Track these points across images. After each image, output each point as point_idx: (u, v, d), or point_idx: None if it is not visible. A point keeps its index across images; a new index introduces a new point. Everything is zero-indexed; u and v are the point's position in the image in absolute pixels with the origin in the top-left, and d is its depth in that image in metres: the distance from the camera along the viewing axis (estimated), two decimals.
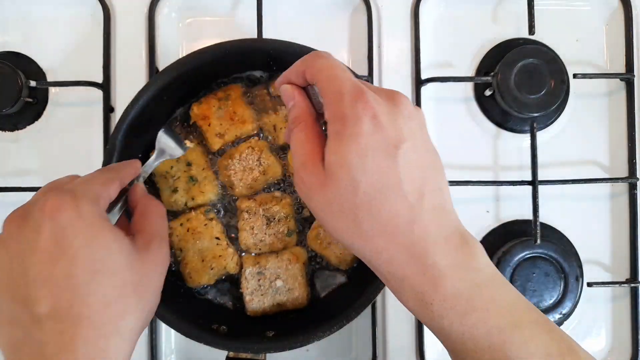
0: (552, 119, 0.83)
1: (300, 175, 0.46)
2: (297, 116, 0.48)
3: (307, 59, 0.47)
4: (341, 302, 0.71)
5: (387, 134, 0.42)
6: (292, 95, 0.49)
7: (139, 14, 0.81)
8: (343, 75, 0.45)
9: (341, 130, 0.43)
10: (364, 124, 0.42)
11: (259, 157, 0.73)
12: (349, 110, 0.42)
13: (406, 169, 0.43)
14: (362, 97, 0.43)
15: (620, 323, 0.82)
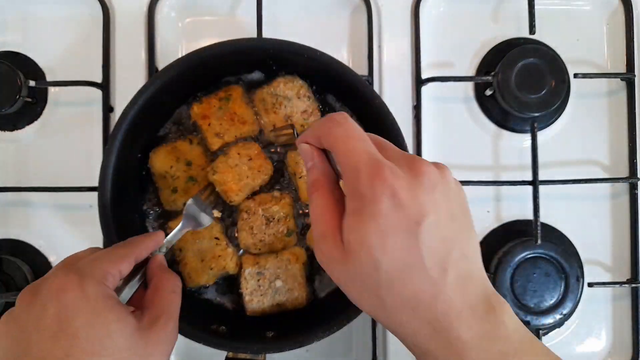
0: (553, 118, 0.83)
1: (320, 246, 0.46)
2: (316, 179, 0.47)
3: (323, 125, 0.46)
4: (341, 302, 0.70)
5: (408, 212, 0.41)
6: (310, 156, 0.48)
7: (139, 14, 0.81)
8: (359, 148, 0.43)
9: (359, 208, 0.42)
10: (383, 203, 0.41)
11: (250, 159, 0.73)
12: (367, 189, 0.41)
13: (428, 245, 0.42)
14: (380, 174, 0.41)
15: (620, 323, 0.82)
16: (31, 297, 0.46)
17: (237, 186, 0.73)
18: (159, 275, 0.56)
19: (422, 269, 0.42)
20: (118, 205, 0.68)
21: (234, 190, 0.73)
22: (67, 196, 0.78)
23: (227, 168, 0.73)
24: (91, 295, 0.46)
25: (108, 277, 0.49)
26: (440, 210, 0.43)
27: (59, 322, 0.44)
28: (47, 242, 0.80)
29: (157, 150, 0.74)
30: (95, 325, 0.45)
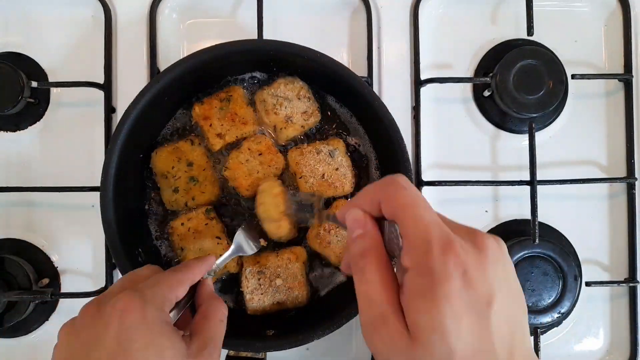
0: (551, 119, 0.83)
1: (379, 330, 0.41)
2: (367, 249, 0.43)
3: (386, 188, 0.43)
4: (341, 301, 0.71)
5: (479, 292, 0.39)
6: (362, 224, 0.44)
7: (140, 15, 0.81)
8: (429, 218, 0.40)
9: (429, 287, 0.38)
10: (456, 283, 0.38)
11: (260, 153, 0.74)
12: (439, 265, 0.38)
13: (498, 328, 0.39)
14: (453, 249, 0.39)
15: (618, 322, 0.83)
16: (95, 312, 0.48)
17: (247, 182, 0.73)
18: (208, 301, 0.57)
19: (493, 354, 0.39)
20: (120, 205, 0.68)
21: (243, 186, 0.73)
22: (69, 196, 0.78)
23: (238, 164, 0.74)
24: (150, 320, 0.47)
25: (166, 303, 0.51)
26: (504, 288, 0.41)
27: (118, 342, 0.46)
28: (50, 242, 0.81)
29: (159, 150, 0.75)
30: (151, 349, 0.46)
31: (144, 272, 0.55)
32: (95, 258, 0.80)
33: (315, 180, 0.74)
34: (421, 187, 0.79)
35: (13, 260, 0.77)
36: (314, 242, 0.74)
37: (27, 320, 0.79)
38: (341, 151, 0.75)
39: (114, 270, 0.78)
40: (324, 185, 0.74)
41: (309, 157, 0.74)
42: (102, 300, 0.49)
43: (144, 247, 0.73)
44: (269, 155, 0.74)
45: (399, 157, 0.68)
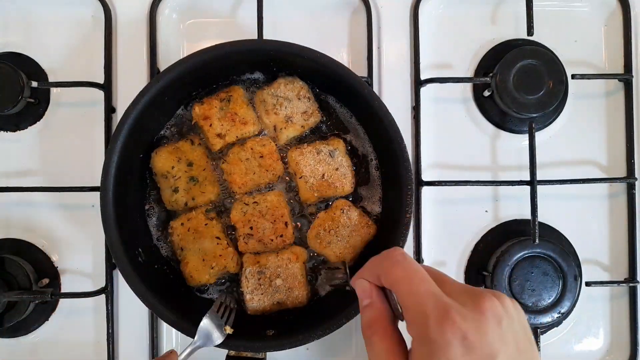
0: (551, 119, 0.84)
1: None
2: (374, 319, 0.46)
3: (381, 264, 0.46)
4: (341, 301, 0.71)
5: (479, 353, 0.40)
6: (368, 294, 0.48)
7: (140, 15, 0.81)
8: (424, 290, 0.43)
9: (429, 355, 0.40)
10: (455, 349, 0.40)
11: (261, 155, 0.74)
12: (437, 335, 0.40)
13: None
14: (449, 317, 0.41)
15: (618, 322, 0.83)
16: None
17: (242, 180, 0.74)
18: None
19: None
20: (120, 205, 0.68)
21: (237, 183, 0.73)
22: (69, 196, 0.78)
23: (237, 160, 0.74)
24: None
25: None
26: (509, 345, 0.42)
27: None
28: (50, 242, 0.81)
29: (159, 150, 0.75)
30: None
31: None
32: (95, 258, 0.80)
33: (315, 180, 0.74)
34: (421, 187, 0.79)
35: (13, 260, 0.77)
36: (314, 242, 0.74)
37: (27, 320, 0.79)
38: (341, 151, 0.75)
39: (114, 270, 0.78)
40: (324, 185, 0.74)
41: (309, 157, 0.74)
42: None
43: (144, 247, 0.73)
44: (270, 160, 0.74)
45: (399, 157, 0.68)
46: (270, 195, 0.74)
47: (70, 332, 0.80)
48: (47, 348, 0.81)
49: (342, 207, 0.74)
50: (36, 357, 0.80)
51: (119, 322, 0.79)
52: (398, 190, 0.68)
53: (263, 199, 0.74)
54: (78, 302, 0.79)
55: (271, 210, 0.73)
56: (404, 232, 0.67)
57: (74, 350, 0.81)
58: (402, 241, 0.67)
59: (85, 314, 0.80)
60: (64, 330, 0.80)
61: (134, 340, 0.79)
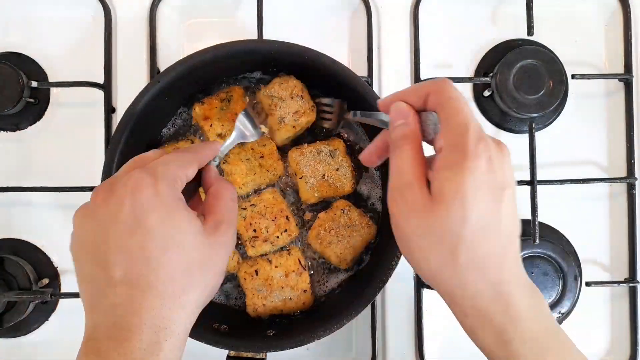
0: (551, 119, 0.84)
1: (404, 193, 0.47)
2: (406, 134, 0.49)
3: (435, 84, 0.48)
4: (341, 302, 0.71)
5: (497, 177, 0.45)
6: (406, 114, 0.50)
7: (140, 15, 0.81)
8: (470, 112, 0.46)
9: (461, 161, 0.44)
10: (482, 162, 0.44)
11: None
12: (472, 146, 0.44)
13: (506, 212, 0.45)
14: (484, 137, 0.45)
15: (619, 322, 0.83)
16: (107, 194, 0.48)
17: (243, 180, 0.73)
18: (217, 183, 0.56)
19: (498, 232, 0.45)
20: None
21: (238, 182, 0.73)
22: (69, 196, 0.78)
23: (238, 160, 0.74)
24: (164, 195, 0.47)
25: (178, 181, 0.50)
26: (514, 188, 0.47)
27: (134, 217, 0.46)
28: (49, 242, 0.81)
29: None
30: (168, 222, 0.46)
31: (151, 154, 0.54)
32: None
33: (316, 180, 0.74)
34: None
35: (13, 260, 0.77)
36: (315, 242, 0.74)
37: (27, 320, 0.79)
38: (341, 151, 0.75)
39: None
40: (325, 186, 0.74)
41: (309, 157, 0.74)
42: (113, 182, 0.49)
43: None
44: (270, 160, 0.74)
45: None
46: (265, 194, 0.74)
47: (70, 332, 0.80)
48: (47, 348, 0.81)
49: (343, 208, 0.74)
50: (36, 357, 0.80)
51: None
52: None
53: (259, 199, 0.74)
54: (78, 302, 0.78)
55: (269, 209, 0.73)
56: None
57: (74, 350, 0.80)
58: None
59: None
60: (64, 330, 0.80)
61: None
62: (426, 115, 0.50)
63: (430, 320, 0.81)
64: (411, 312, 0.80)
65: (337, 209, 0.74)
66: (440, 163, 0.46)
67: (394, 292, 0.80)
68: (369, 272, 0.73)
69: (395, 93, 0.52)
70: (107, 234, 0.46)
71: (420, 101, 0.50)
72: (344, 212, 0.73)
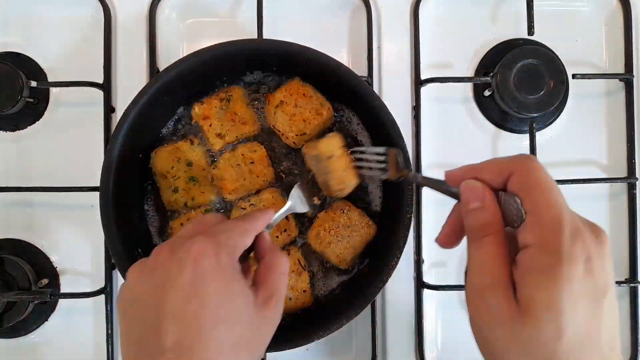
0: (551, 119, 0.83)
1: (487, 298, 0.41)
2: (487, 224, 0.44)
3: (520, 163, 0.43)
4: (341, 302, 0.71)
5: (597, 281, 0.40)
6: (482, 196, 0.44)
7: (140, 15, 0.81)
8: (562, 202, 0.41)
9: (554, 266, 0.39)
10: (580, 267, 0.39)
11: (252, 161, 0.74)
12: (567, 247, 0.39)
13: (606, 320, 0.40)
14: (582, 235, 0.40)
15: (619, 323, 0.82)
16: (169, 255, 0.48)
17: (232, 186, 0.74)
18: (271, 253, 0.56)
19: (598, 344, 0.40)
20: (119, 205, 0.68)
21: (228, 189, 0.74)
22: (69, 196, 0.78)
23: (228, 167, 0.74)
24: (224, 266, 0.47)
25: (237, 250, 0.51)
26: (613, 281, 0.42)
27: (193, 284, 0.45)
28: (49, 242, 0.81)
29: (159, 150, 0.75)
30: (224, 294, 0.46)
31: (212, 219, 0.54)
32: (94, 258, 0.80)
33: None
34: (421, 187, 0.79)
35: (13, 260, 0.77)
36: (315, 242, 0.74)
37: (26, 321, 0.79)
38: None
39: (114, 270, 0.78)
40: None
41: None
42: (176, 243, 0.49)
43: (143, 247, 0.73)
44: (260, 166, 0.74)
45: None
46: (265, 194, 0.74)
47: (70, 332, 0.80)
48: (46, 348, 0.81)
49: (342, 208, 0.74)
50: (36, 357, 0.80)
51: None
52: (398, 190, 0.68)
53: (259, 199, 0.74)
54: (77, 302, 0.79)
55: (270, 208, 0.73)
56: (404, 232, 0.67)
57: (73, 350, 0.81)
58: (402, 241, 0.67)
59: (84, 314, 0.80)
60: (64, 330, 0.80)
61: None
62: (508, 199, 0.43)
63: (430, 320, 0.81)
64: (411, 312, 0.80)
65: (337, 209, 0.74)
66: (529, 265, 0.40)
67: (394, 292, 0.80)
68: (369, 272, 0.73)
69: (468, 166, 0.47)
70: (164, 298, 0.46)
71: (499, 180, 0.44)
72: (343, 212, 0.73)
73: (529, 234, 0.41)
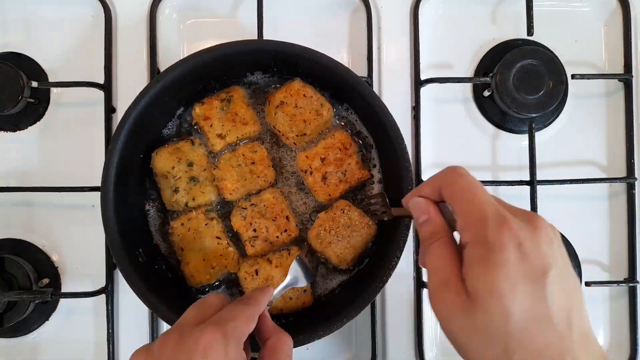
0: (551, 119, 0.84)
1: (442, 294, 0.45)
2: (434, 232, 0.49)
3: (445, 176, 0.49)
4: (341, 302, 0.71)
5: (534, 263, 0.42)
6: (426, 210, 0.50)
7: (140, 15, 0.81)
8: (484, 199, 0.45)
9: (487, 256, 0.43)
10: (511, 252, 0.42)
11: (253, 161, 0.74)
12: (494, 236, 0.43)
13: (554, 298, 0.42)
14: (507, 223, 0.43)
15: (618, 322, 0.83)
16: (177, 346, 0.49)
17: (233, 186, 0.74)
18: (275, 336, 0.57)
19: (550, 322, 0.42)
20: (120, 205, 0.68)
21: (228, 188, 0.74)
22: (70, 196, 0.78)
23: (229, 166, 0.74)
24: (231, 357, 0.49)
25: (243, 338, 0.52)
26: (559, 265, 0.44)
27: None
28: (50, 242, 0.81)
29: (159, 150, 0.75)
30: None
31: (215, 301, 0.56)
32: (95, 258, 0.80)
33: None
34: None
35: (13, 260, 0.77)
36: (315, 242, 0.74)
37: (27, 320, 0.79)
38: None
39: (114, 270, 0.79)
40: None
41: None
42: (183, 332, 0.50)
43: (144, 247, 0.73)
44: (261, 166, 0.74)
45: (399, 156, 0.68)
46: (266, 194, 0.74)
47: (70, 332, 0.81)
48: (47, 348, 0.81)
49: (343, 208, 0.74)
50: (36, 357, 0.80)
51: (119, 322, 0.79)
52: (398, 190, 0.68)
53: (259, 199, 0.74)
54: (78, 302, 0.80)
55: (270, 209, 0.73)
56: (404, 232, 0.67)
57: (74, 350, 0.81)
58: (402, 241, 0.67)
59: (85, 313, 0.80)
60: (64, 330, 0.80)
61: (134, 340, 0.79)
62: (444, 208, 0.50)
63: (430, 320, 0.81)
64: (411, 312, 0.80)
65: (337, 209, 0.74)
66: (469, 258, 0.44)
67: (394, 292, 0.80)
68: (369, 272, 0.73)
69: (414, 189, 0.53)
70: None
71: (435, 194, 0.50)
72: (344, 212, 0.73)
73: (464, 233, 0.45)
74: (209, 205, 0.75)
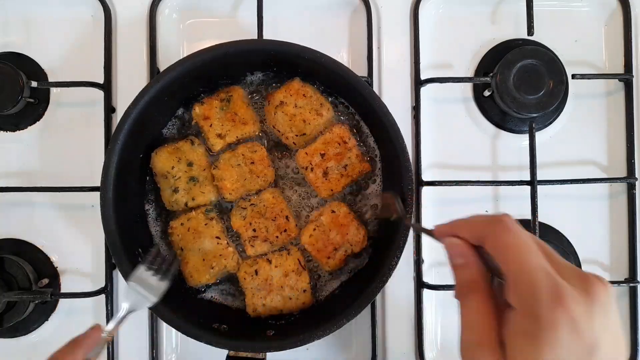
0: (551, 119, 0.83)
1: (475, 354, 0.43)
2: (472, 280, 0.45)
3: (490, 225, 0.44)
4: (341, 302, 0.71)
5: (583, 340, 0.39)
6: (465, 255, 0.46)
7: (140, 15, 0.81)
8: (535, 264, 0.41)
9: (534, 331, 0.39)
10: (562, 331, 0.39)
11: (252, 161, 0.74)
12: (547, 314, 0.39)
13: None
14: (562, 300, 0.39)
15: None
16: None
17: (232, 186, 0.74)
18: None
19: None
20: (120, 205, 0.68)
21: (227, 188, 0.74)
22: (69, 196, 0.78)
23: (228, 166, 0.74)
24: None
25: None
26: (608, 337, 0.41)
27: None
28: (49, 242, 0.81)
29: (159, 150, 0.75)
30: None
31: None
32: (95, 258, 0.80)
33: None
34: (421, 187, 0.79)
35: (13, 260, 0.77)
36: (307, 242, 0.73)
37: (27, 320, 0.79)
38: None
39: (114, 270, 0.78)
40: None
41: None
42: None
43: (143, 247, 0.73)
44: (261, 166, 0.74)
45: (399, 156, 0.68)
46: (266, 194, 0.74)
47: (70, 332, 0.79)
48: (47, 348, 0.79)
49: (334, 209, 0.73)
50: (36, 357, 0.80)
51: None
52: (398, 190, 0.68)
53: (259, 199, 0.74)
54: (78, 302, 0.80)
55: (269, 209, 0.73)
56: (404, 232, 0.67)
57: None
58: (402, 241, 0.67)
59: (85, 314, 0.80)
60: (64, 330, 0.80)
61: (134, 340, 0.79)
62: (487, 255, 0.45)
63: (430, 320, 0.81)
64: (411, 312, 0.80)
65: (328, 211, 0.73)
66: (514, 327, 0.41)
67: (394, 292, 0.80)
68: (369, 272, 0.73)
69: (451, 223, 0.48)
70: None
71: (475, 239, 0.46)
72: (334, 212, 0.73)
73: (512, 296, 0.42)
74: (209, 205, 0.75)
